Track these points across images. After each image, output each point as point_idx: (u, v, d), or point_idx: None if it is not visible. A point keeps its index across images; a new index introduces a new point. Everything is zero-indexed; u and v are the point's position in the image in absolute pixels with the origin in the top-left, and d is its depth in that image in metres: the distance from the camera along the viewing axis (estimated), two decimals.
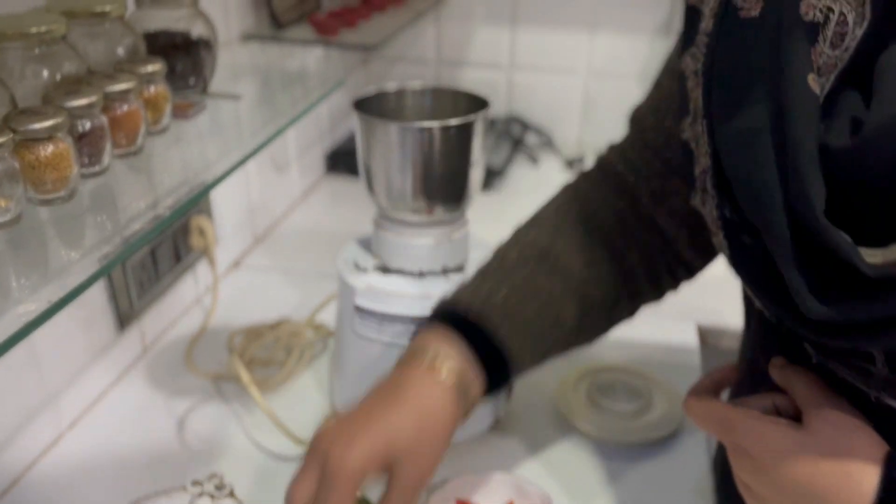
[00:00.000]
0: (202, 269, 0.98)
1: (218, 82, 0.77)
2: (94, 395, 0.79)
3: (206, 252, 0.95)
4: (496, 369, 0.56)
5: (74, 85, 0.58)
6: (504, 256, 0.60)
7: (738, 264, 0.47)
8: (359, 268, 0.70)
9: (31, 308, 0.47)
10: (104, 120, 0.56)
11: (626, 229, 0.62)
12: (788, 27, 0.40)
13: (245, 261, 1.08)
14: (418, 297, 0.67)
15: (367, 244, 0.74)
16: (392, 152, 0.64)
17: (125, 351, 0.83)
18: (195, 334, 0.90)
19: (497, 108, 1.50)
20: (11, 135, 0.48)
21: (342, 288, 0.71)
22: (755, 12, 0.43)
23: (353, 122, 0.67)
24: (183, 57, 0.73)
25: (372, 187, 0.67)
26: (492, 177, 1.29)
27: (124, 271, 0.81)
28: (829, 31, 0.39)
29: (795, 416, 0.47)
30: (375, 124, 0.64)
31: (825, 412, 0.45)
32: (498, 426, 0.76)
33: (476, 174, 0.67)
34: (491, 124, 1.46)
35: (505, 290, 0.57)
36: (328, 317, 0.91)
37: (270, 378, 0.81)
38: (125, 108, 0.59)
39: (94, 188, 0.57)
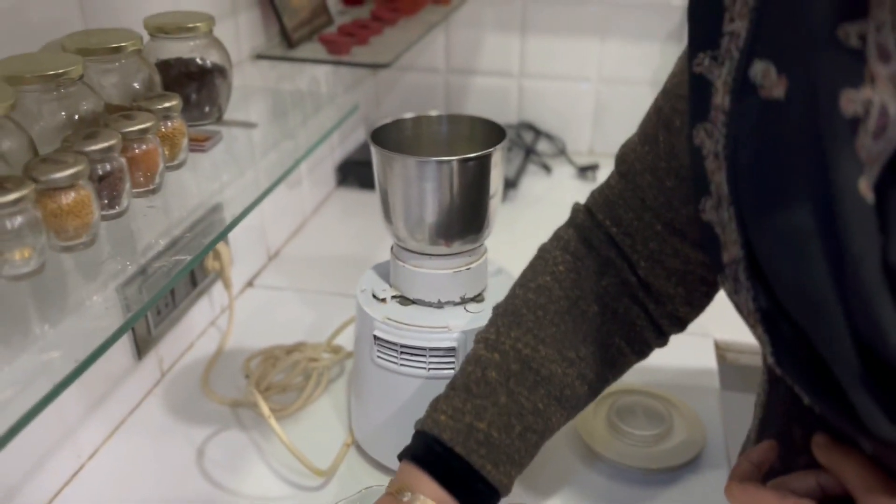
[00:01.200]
0: (217, 289, 0.98)
1: (231, 104, 0.76)
2: (113, 425, 0.79)
3: (221, 275, 0.95)
4: (481, 500, 0.56)
5: (92, 127, 0.58)
6: (486, 367, 0.58)
7: (783, 361, 0.44)
8: (377, 298, 0.70)
9: (57, 357, 0.47)
10: (123, 162, 0.56)
11: (611, 312, 0.60)
12: (828, 123, 0.37)
13: (258, 280, 1.07)
14: (437, 328, 0.67)
15: (384, 272, 0.73)
16: (410, 186, 0.63)
17: (143, 379, 0.83)
18: (211, 358, 0.90)
19: (508, 116, 1.49)
20: (33, 185, 0.48)
21: (360, 317, 0.71)
22: (778, 93, 0.40)
23: (371, 154, 0.66)
24: (198, 86, 0.73)
25: (390, 219, 0.67)
26: (504, 187, 1.28)
27: (142, 286, 0.80)
28: (871, 122, 0.37)
29: (842, 495, 0.45)
30: (393, 158, 0.63)
31: (882, 502, 0.42)
32: None
33: (495, 204, 0.67)
34: None
35: (488, 416, 0.56)
36: (345, 338, 0.90)
37: (288, 406, 0.81)
38: (143, 147, 0.59)
39: (115, 230, 0.57)
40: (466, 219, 0.65)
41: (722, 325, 0.94)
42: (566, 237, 0.63)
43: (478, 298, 0.70)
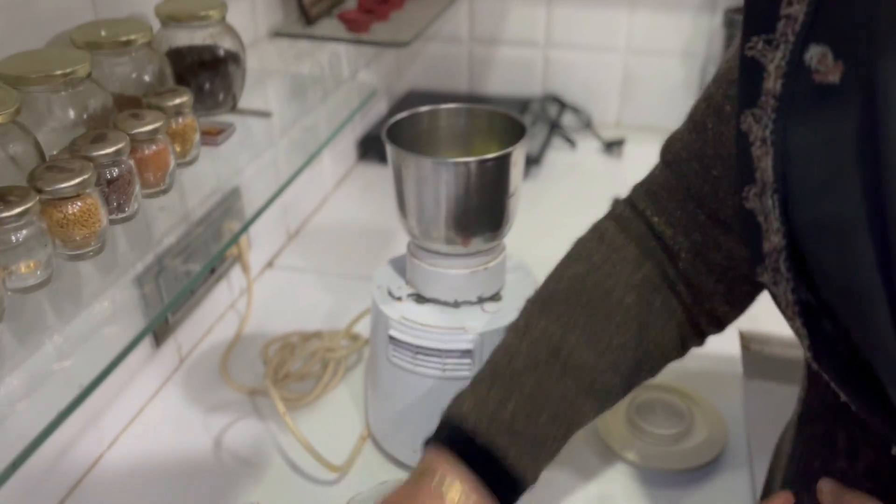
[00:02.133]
0: (235, 272, 0.97)
1: (248, 86, 0.75)
2: (133, 413, 0.80)
3: (239, 259, 0.94)
4: (507, 487, 0.54)
5: (102, 124, 0.57)
6: (513, 355, 0.56)
7: (821, 357, 0.43)
8: (393, 296, 0.69)
9: (69, 366, 0.47)
10: (132, 164, 0.55)
11: (647, 304, 0.58)
12: (885, 111, 0.36)
13: (278, 261, 1.07)
14: (453, 329, 0.65)
15: (400, 267, 0.72)
16: (426, 186, 0.62)
17: (162, 366, 0.84)
18: (230, 343, 0.90)
19: (533, 88, 1.46)
20: (38, 197, 0.47)
21: (376, 315, 0.70)
22: (834, 78, 0.39)
23: (386, 151, 0.64)
24: (211, 75, 0.71)
25: (405, 216, 0.65)
26: (528, 164, 1.25)
27: (159, 289, 0.80)
28: None
29: None
30: (408, 157, 0.62)
31: None
32: None
33: (514, 203, 0.65)
34: (527, 105, 1.42)
35: (513, 403, 0.53)
36: (363, 325, 0.90)
37: (305, 395, 0.81)
38: (153, 147, 0.58)
39: (127, 233, 0.56)
40: (484, 219, 0.64)
41: (747, 313, 0.91)
42: (603, 228, 0.61)
43: (495, 297, 0.69)
